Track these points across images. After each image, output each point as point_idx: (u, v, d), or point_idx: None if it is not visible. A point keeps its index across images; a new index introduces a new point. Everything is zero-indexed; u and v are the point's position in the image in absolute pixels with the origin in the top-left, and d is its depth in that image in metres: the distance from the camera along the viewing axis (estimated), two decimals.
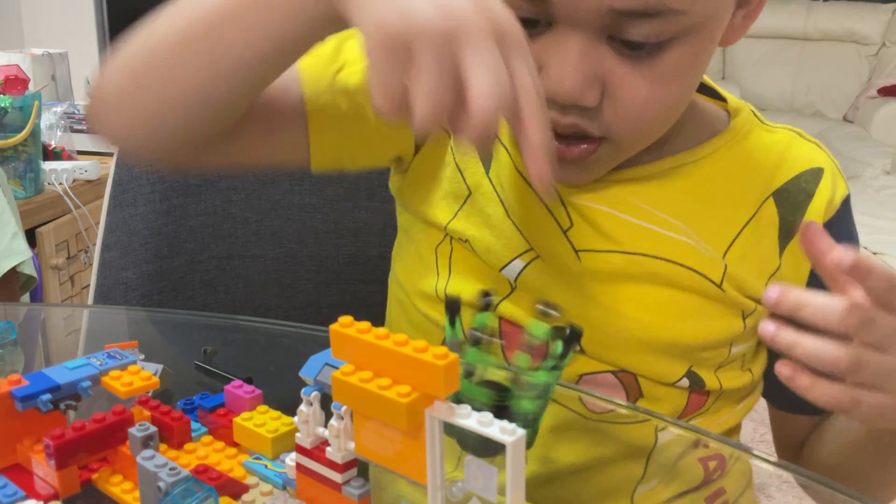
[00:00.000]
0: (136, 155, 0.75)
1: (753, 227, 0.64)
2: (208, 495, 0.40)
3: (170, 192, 0.91)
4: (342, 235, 0.94)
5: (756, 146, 0.66)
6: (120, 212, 0.90)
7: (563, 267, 0.64)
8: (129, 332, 0.85)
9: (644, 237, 0.63)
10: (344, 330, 0.38)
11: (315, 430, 0.41)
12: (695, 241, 0.63)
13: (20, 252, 1.34)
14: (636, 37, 0.53)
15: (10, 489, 0.44)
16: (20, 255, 1.34)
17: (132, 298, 0.90)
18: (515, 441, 0.34)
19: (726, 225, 0.64)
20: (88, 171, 2.01)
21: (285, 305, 0.95)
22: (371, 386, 0.36)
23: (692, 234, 0.63)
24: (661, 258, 0.63)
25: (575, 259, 0.63)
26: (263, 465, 0.46)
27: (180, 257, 0.92)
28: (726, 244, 0.63)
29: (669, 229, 0.63)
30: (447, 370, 0.35)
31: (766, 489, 0.64)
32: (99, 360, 0.47)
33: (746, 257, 0.63)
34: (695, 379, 0.64)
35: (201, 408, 0.51)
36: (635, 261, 0.63)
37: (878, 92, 4.21)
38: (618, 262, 0.63)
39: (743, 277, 0.63)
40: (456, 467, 0.38)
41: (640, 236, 0.63)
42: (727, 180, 0.65)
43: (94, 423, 0.44)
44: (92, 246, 1.99)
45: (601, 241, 0.63)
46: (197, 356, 0.66)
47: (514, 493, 0.34)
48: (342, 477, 0.40)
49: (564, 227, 0.64)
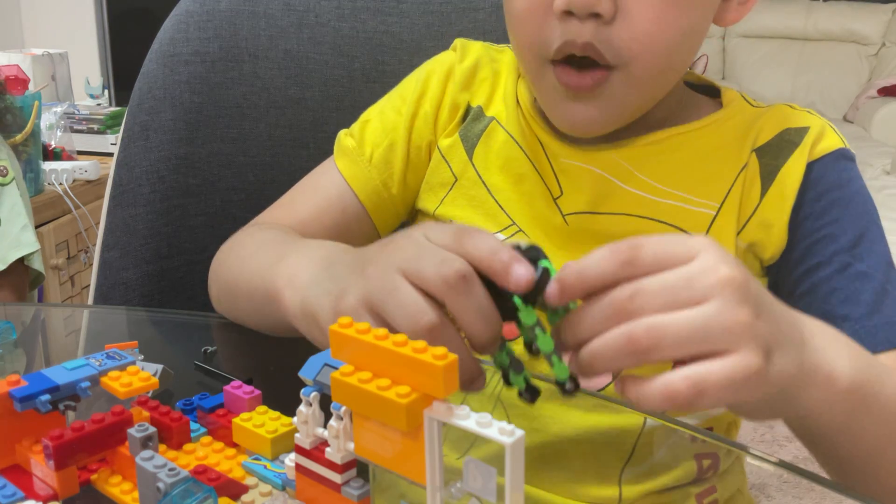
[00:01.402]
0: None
1: (742, 179, 0.65)
2: (207, 496, 0.40)
3: (170, 192, 0.91)
4: None
5: (746, 118, 0.68)
6: (120, 212, 0.90)
7: (552, 234, 0.67)
8: (129, 332, 0.85)
9: (633, 201, 0.65)
10: (343, 330, 0.38)
11: (314, 430, 0.41)
12: (685, 202, 0.65)
13: (28, 244, 1.35)
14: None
15: (9, 490, 0.44)
16: (28, 247, 1.35)
17: (132, 298, 0.90)
18: (514, 442, 0.33)
19: (720, 182, 0.66)
20: (88, 171, 2.01)
21: None
22: (370, 386, 0.36)
23: (683, 195, 0.65)
24: (649, 218, 0.65)
25: (563, 224, 0.67)
26: (263, 466, 0.46)
27: (180, 257, 0.92)
28: (721, 198, 0.65)
29: (658, 195, 0.65)
30: (446, 371, 0.35)
31: (766, 489, 0.64)
32: (98, 361, 0.47)
33: (738, 207, 0.65)
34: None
35: (200, 408, 0.51)
36: (623, 221, 0.65)
37: (878, 92, 4.21)
38: (605, 222, 0.66)
39: (731, 228, 0.64)
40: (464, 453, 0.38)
41: (630, 200, 0.65)
42: (719, 147, 0.67)
43: (93, 424, 0.44)
44: (92, 246, 1.99)
45: (589, 204, 0.66)
46: (197, 356, 0.66)
47: (514, 494, 0.34)
48: (341, 477, 0.40)
49: (555, 195, 0.68)
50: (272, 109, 0.92)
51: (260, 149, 0.93)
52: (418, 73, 0.77)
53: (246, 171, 0.93)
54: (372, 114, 0.77)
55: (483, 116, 0.73)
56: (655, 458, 0.65)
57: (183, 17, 0.91)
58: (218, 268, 0.72)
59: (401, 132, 0.74)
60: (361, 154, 0.74)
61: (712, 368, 0.40)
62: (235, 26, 0.91)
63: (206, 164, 0.92)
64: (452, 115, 0.74)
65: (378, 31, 0.92)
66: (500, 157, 0.71)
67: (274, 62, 0.91)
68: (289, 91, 0.92)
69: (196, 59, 0.90)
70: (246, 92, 0.91)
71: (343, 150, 0.75)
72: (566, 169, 0.68)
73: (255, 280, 0.61)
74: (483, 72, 0.75)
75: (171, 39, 0.91)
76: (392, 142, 0.74)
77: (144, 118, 0.90)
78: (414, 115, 0.74)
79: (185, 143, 0.91)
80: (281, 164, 0.93)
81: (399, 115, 0.75)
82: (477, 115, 0.73)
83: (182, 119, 0.90)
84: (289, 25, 0.91)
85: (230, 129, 0.92)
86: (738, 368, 0.40)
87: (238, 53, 0.91)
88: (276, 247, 0.62)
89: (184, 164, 0.91)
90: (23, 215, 1.37)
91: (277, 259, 0.58)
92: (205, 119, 0.91)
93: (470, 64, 0.75)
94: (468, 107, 0.74)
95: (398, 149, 0.74)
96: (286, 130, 0.93)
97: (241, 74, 0.91)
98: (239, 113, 0.92)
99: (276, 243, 0.64)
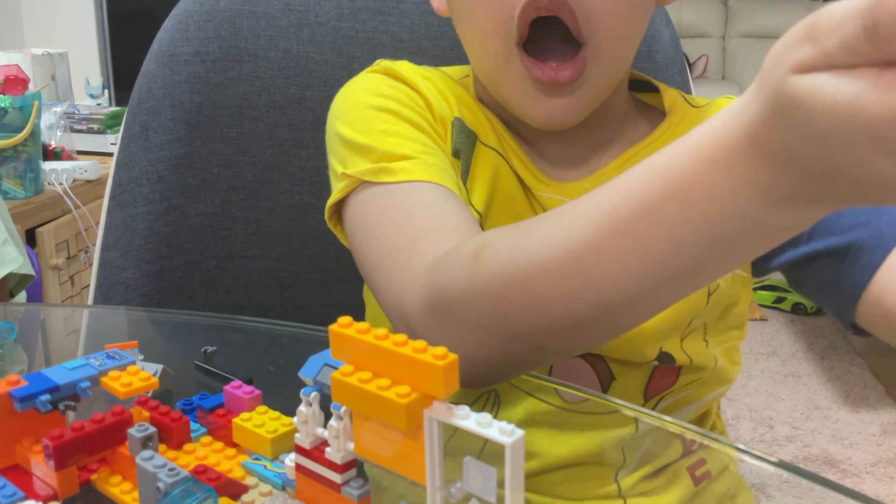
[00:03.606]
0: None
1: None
2: (207, 496, 0.40)
3: (170, 192, 0.91)
4: None
5: (692, 122, 0.69)
6: (120, 212, 0.90)
7: None
8: (129, 332, 0.85)
9: None
10: (343, 330, 0.38)
11: (314, 430, 0.41)
12: None
13: (11, 259, 1.33)
14: None
15: (9, 490, 0.44)
16: (11, 263, 1.32)
17: (132, 298, 0.90)
18: (514, 442, 0.33)
19: None
20: (88, 171, 2.01)
21: (285, 305, 0.95)
22: (370, 386, 0.36)
23: None
24: None
25: None
26: (263, 466, 0.46)
27: (180, 257, 0.92)
28: None
29: None
30: (447, 371, 0.35)
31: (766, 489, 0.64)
32: (98, 361, 0.47)
33: None
34: (665, 357, 0.66)
35: (200, 408, 0.51)
36: None
37: None
38: None
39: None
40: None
41: None
42: None
43: (93, 424, 0.44)
44: (92, 246, 1.99)
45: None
46: (197, 356, 0.66)
47: (514, 494, 0.34)
48: (341, 477, 0.40)
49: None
50: (272, 109, 0.92)
51: (260, 149, 0.93)
52: (394, 91, 0.69)
53: (246, 171, 0.93)
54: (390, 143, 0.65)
55: (467, 130, 0.69)
56: (644, 447, 0.65)
57: (183, 17, 0.91)
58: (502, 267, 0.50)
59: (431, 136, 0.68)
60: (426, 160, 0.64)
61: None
62: (235, 26, 0.91)
63: (206, 164, 0.92)
64: (444, 129, 0.69)
65: (378, 31, 0.92)
66: (489, 183, 0.67)
67: (274, 62, 0.91)
68: (289, 91, 0.92)
69: (196, 59, 0.90)
70: (246, 92, 0.91)
71: (399, 168, 0.62)
72: (541, 199, 0.68)
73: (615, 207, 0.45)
74: (438, 85, 0.71)
75: (171, 39, 0.91)
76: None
77: (144, 118, 0.90)
78: (429, 123, 0.68)
79: (185, 142, 0.91)
80: (281, 164, 0.93)
81: (423, 129, 0.67)
82: (461, 129, 0.69)
83: (182, 119, 0.90)
84: (289, 25, 0.91)
85: (230, 129, 0.92)
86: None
87: (238, 53, 0.91)
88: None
89: (184, 163, 0.91)
90: (1, 230, 1.34)
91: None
92: (205, 119, 0.91)
93: (420, 75, 0.71)
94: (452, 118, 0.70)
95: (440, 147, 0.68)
96: (286, 130, 0.93)
97: (241, 74, 0.91)
98: (239, 113, 0.92)
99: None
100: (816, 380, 2.73)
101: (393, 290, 0.57)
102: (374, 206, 0.61)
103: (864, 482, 2.17)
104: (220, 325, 0.72)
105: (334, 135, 0.68)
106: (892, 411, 2.53)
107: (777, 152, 0.37)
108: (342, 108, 0.69)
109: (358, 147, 0.64)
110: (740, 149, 0.38)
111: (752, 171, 0.38)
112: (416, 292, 0.54)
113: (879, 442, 2.36)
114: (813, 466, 2.23)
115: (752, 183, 0.38)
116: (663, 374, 0.67)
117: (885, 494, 2.12)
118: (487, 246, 0.50)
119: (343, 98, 0.71)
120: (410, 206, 0.60)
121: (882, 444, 2.35)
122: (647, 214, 0.42)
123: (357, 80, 0.72)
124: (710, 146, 0.40)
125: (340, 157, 0.65)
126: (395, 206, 0.60)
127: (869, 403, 2.58)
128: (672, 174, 0.41)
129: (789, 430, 2.43)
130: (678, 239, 0.42)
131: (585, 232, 0.45)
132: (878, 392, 2.64)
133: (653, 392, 0.68)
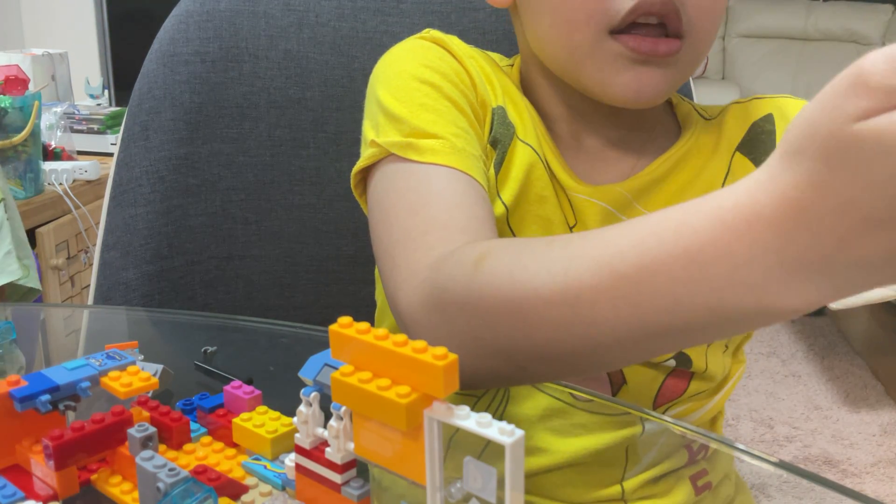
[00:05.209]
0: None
1: (730, 182, 0.66)
2: (207, 496, 0.40)
3: (170, 192, 0.91)
4: (342, 235, 0.94)
5: (712, 134, 0.71)
6: (120, 212, 0.90)
7: None
8: (129, 332, 0.85)
9: None
10: (343, 330, 0.38)
11: (314, 430, 0.41)
12: None
13: (11, 272, 1.32)
14: None
15: (9, 490, 0.44)
16: (10, 275, 1.32)
17: (132, 298, 0.90)
18: (514, 442, 0.33)
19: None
20: (88, 171, 2.01)
21: (285, 305, 0.95)
22: (370, 386, 0.36)
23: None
24: None
25: None
26: (263, 466, 0.46)
27: (180, 257, 0.92)
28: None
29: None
30: (447, 371, 0.35)
31: (766, 489, 0.64)
32: (98, 361, 0.47)
33: None
34: (683, 359, 0.65)
35: (200, 408, 0.51)
36: None
37: None
38: None
39: None
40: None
41: None
42: (698, 170, 0.70)
43: (93, 424, 0.44)
44: (92, 246, 1.99)
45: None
46: (197, 356, 0.66)
47: (514, 494, 0.34)
48: (342, 477, 0.40)
49: (570, 223, 0.68)
50: (272, 109, 0.92)
51: (260, 149, 0.93)
52: (433, 56, 0.68)
53: (246, 171, 0.93)
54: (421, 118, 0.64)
55: (507, 122, 0.68)
56: (651, 453, 0.66)
57: (183, 17, 0.91)
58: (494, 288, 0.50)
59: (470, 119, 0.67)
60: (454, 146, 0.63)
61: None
62: (235, 26, 0.91)
63: (206, 164, 0.92)
64: (484, 113, 0.68)
65: (378, 31, 0.92)
66: (521, 181, 0.67)
67: (274, 62, 0.91)
68: (289, 91, 0.92)
69: (196, 59, 0.90)
70: (246, 92, 0.91)
71: (427, 148, 0.61)
72: (576, 202, 0.68)
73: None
74: (486, 68, 0.70)
75: (171, 39, 0.91)
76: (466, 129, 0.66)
77: (144, 118, 0.90)
78: (469, 104, 0.67)
79: (185, 142, 0.91)
80: (281, 164, 0.93)
81: (461, 112, 0.66)
82: (502, 119, 0.68)
83: (182, 119, 0.90)
84: (289, 25, 0.91)
85: (230, 129, 0.92)
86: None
87: (238, 53, 0.91)
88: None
89: (184, 164, 0.91)
90: (6, 241, 1.34)
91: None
92: (205, 119, 0.91)
93: (467, 54, 0.69)
94: (494, 106, 0.68)
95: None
96: (286, 130, 0.93)
97: (241, 74, 0.91)
98: (239, 113, 0.92)
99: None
100: (816, 380, 2.73)
101: (395, 278, 0.57)
102: (395, 185, 0.61)
103: (864, 482, 2.17)
104: (220, 325, 0.72)
105: (374, 99, 0.67)
106: (892, 411, 2.53)
107: (826, 212, 0.36)
108: (387, 73, 0.68)
109: (393, 116, 0.64)
110: (768, 216, 0.37)
111: (783, 237, 0.37)
112: (415, 287, 0.54)
113: (879, 442, 2.36)
114: (813, 466, 2.24)
115: (776, 250, 0.37)
116: (675, 380, 0.67)
117: (885, 494, 2.13)
118: (490, 256, 0.50)
119: (389, 63, 0.69)
120: (427, 194, 0.60)
121: (882, 445, 2.35)
122: (651, 266, 0.41)
123: (406, 45, 0.70)
124: (731, 212, 0.39)
125: (375, 121, 0.65)
126: (413, 190, 0.60)
127: (869, 403, 2.58)
128: (685, 231, 0.40)
129: (789, 431, 2.43)
130: (676, 297, 0.41)
131: (586, 268, 0.44)
132: (878, 392, 2.64)
133: (663, 399, 0.68)
